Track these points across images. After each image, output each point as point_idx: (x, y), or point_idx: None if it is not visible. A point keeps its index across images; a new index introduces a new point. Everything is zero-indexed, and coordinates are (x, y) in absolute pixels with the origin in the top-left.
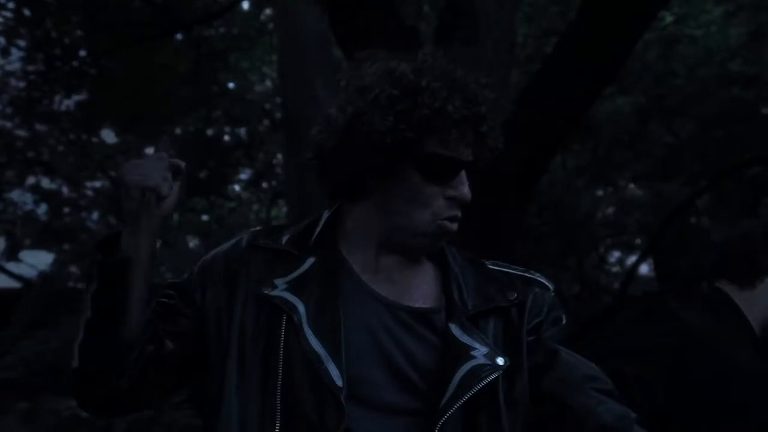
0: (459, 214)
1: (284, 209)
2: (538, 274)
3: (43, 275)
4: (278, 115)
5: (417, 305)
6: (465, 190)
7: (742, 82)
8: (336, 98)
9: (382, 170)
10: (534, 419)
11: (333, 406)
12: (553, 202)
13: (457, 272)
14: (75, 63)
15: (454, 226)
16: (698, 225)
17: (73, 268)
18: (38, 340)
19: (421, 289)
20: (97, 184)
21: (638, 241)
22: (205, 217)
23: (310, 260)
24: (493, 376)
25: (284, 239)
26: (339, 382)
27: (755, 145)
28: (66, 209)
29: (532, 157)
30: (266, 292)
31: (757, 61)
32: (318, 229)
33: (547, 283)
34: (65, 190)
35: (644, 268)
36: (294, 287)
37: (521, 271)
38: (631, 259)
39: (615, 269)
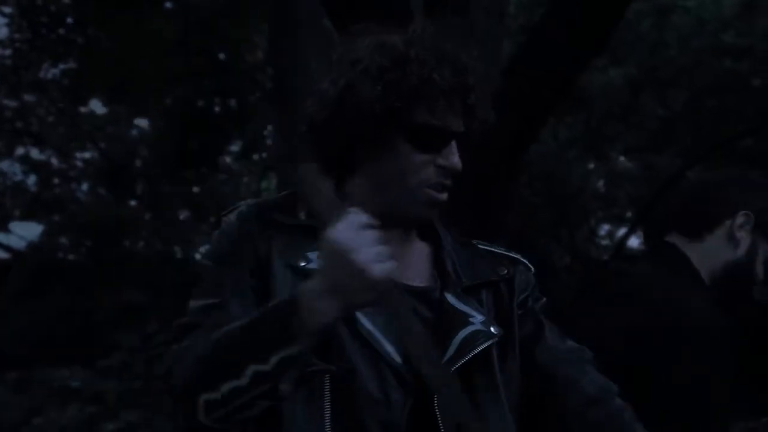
0: (449, 183)
1: (275, 181)
2: (520, 255)
3: (32, 246)
4: (269, 86)
5: (414, 284)
6: (455, 160)
7: (735, 54)
8: (329, 72)
9: (372, 140)
10: (525, 391)
11: (396, 383)
12: (544, 173)
13: (450, 249)
14: (62, 31)
15: (443, 195)
16: None
17: (63, 239)
18: (28, 310)
19: (416, 267)
20: (87, 155)
21: (629, 214)
22: (195, 189)
23: None
24: (489, 342)
25: (302, 214)
26: (398, 359)
27: (748, 117)
28: (56, 180)
29: (521, 128)
30: (305, 265)
31: (750, 32)
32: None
33: (528, 264)
34: (55, 160)
35: (635, 242)
36: None
37: (505, 251)
38: (621, 232)
39: (605, 242)
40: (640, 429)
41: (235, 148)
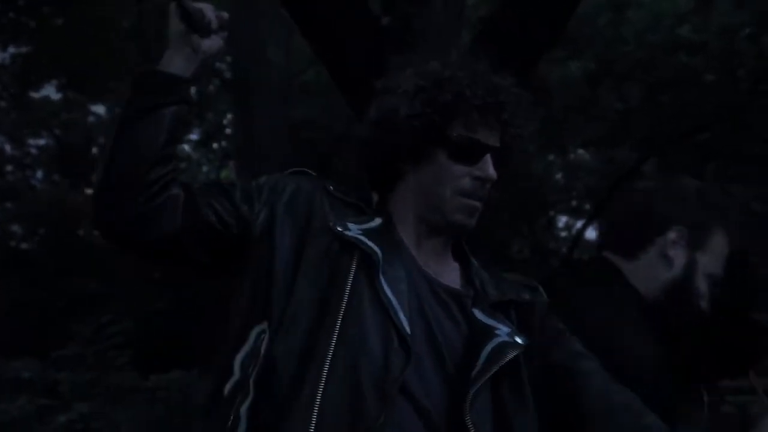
0: (485, 193)
1: (234, 170)
2: (533, 281)
3: None
4: (228, 75)
5: (452, 286)
6: (490, 171)
7: (689, 48)
8: (374, 101)
9: (413, 153)
10: (547, 391)
11: (400, 350)
12: None
13: (477, 269)
14: (11, 14)
15: (479, 203)
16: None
17: (16, 227)
18: None
19: (450, 277)
20: (41, 141)
21: (587, 206)
22: None
23: (378, 220)
24: (516, 352)
25: (355, 196)
26: (408, 329)
27: (705, 112)
28: (9, 167)
29: None
30: (343, 230)
31: (704, 28)
32: (375, 198)
33: (540, 288)
34: (8, 147)
35: (593, 233)
36: (368, 236)
37: (521, 279)
38: (579, 224)
39: (564, 234)
40: (652, 416)
41: (194, 136)
